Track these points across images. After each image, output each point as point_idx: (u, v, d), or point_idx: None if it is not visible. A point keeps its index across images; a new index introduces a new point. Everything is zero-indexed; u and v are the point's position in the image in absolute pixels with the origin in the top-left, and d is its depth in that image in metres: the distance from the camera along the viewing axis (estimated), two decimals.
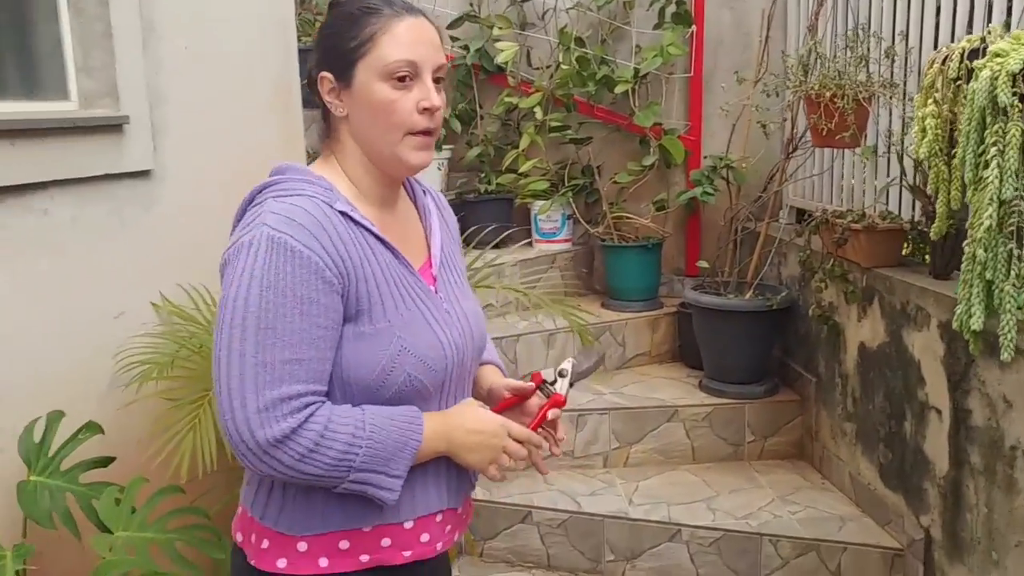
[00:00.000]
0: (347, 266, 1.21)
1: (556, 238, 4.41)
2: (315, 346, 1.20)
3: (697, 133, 4.20)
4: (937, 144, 2.12)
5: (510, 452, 1.34)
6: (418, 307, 1.30)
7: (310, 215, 1.21)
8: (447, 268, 1.42)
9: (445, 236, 1.45)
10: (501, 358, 3.59)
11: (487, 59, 4.39)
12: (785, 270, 3.71)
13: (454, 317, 1.35)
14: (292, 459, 1.17)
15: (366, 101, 1.26)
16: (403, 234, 1.36)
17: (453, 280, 1.42)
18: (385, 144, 1.28)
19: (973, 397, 2.42)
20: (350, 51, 1.26)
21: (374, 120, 1.27)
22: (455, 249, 1.48)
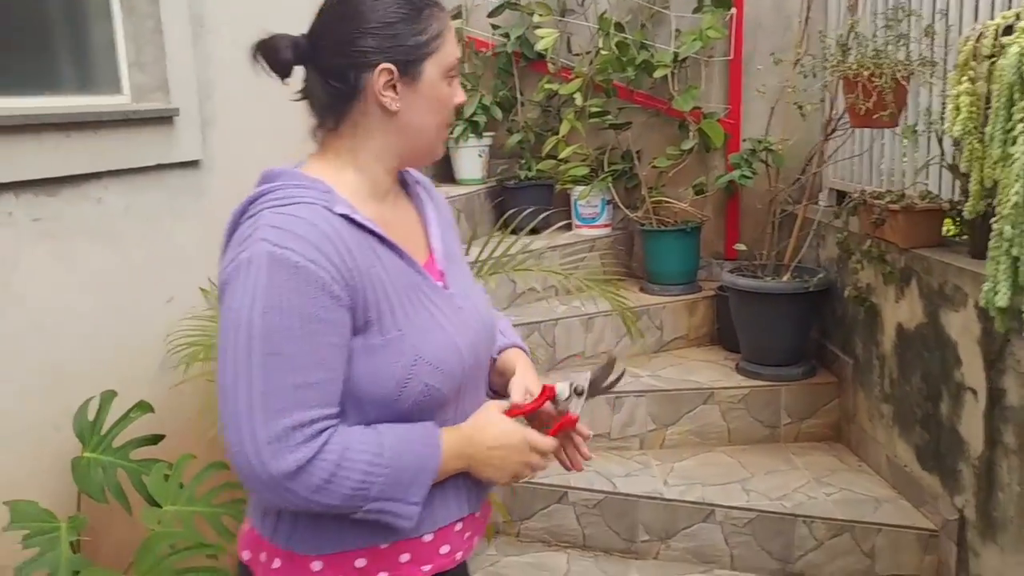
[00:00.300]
0: (354, 276, 1.14)
1: (596, 223, 4.44)
2: (325, 367, 1.12)
3: (736, 116, 4.19)
4: (971, 122, 2.12)
5: (533, 466, 1.28)
6: (430, 310, 1.23)
7: (312, 225, 1.12)
8: (451, 259, 1.35)
9: (443, 225, 1.38)
10: (539, 341, 3.67)
11: (527, 46, 4.43)
12: (823, 252, 3.70)
13: (467, 314, 1.28)
14: (308, 491, 1.11)
15: (430, 97, 1.22)
16: (403, 229, 1.29)
17: (459, 271, 1.36)
18: (430, 139, 1.26)
19: (1008, 376, 2.41)
20: (421, 46, 1.20)
21: (431, 116, 1.24)
22: (452, 236, 1.40)
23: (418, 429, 1.20)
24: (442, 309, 1.24)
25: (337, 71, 1.20)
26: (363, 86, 1.19)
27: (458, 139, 4.43)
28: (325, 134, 1.25)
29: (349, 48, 1.19)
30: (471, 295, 1.33)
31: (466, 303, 1.30)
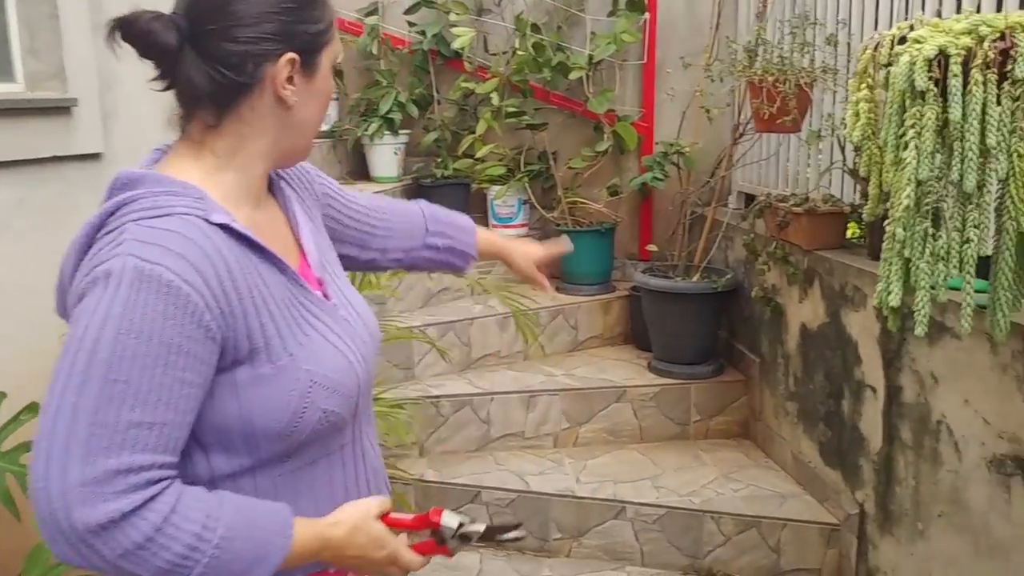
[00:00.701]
0: (233, 302, 1.00)
1: (512, 223, 4.45)
2: (174, 407, 0.96)
3: (650, 119, 4.26)
4: (870, 128, 2.18)
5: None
6: (317, 328, 1.11)
7: (188, 240, 0.98)
8: (325, 262, 1.23)
9: (312, 222, 1.27)
10: (454, 341, 3.66)
11: (444, 44, 4.41)
12: (731, 253, 3.79)
13: (354, 325, 1.18)
14: (114, 553, 0.92)
15: (323, 90, 1.13)
16: (275, 236, 1.16)
17: (335, 274, 1.24)
18: (311, 137, 1.17)
19: (905, 374, 2.50)
20: (320, 34, 1.10)
21: (318, 111, 1.15)
22: (322, 234, 1.29)
23: (268, 512, 1.04)
24: (329, 324, 1.13)
25: (231, 59, 1.04)
26: (261, 77, 1.06)
27: (373, 136, 4.39)
28: (201, 130, 1.09)
29: (249, 33, 1.04)
30: (352, 300, 1.23)
31: (350, 312, 1.20)
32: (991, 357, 2.14)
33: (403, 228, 1.51)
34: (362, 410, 1.22)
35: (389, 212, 1.50)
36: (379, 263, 1.51)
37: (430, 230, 1.54)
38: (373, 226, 1.46)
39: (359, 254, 1.47)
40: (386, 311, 3.59)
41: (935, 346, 2.35)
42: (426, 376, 3.63)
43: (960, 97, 1.74)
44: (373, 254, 1.48)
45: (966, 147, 1.75)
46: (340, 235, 1.41)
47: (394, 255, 1.51)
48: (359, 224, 1.44)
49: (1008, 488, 2.09)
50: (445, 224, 1.57)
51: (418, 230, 1.53)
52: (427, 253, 1.55)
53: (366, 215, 1.45)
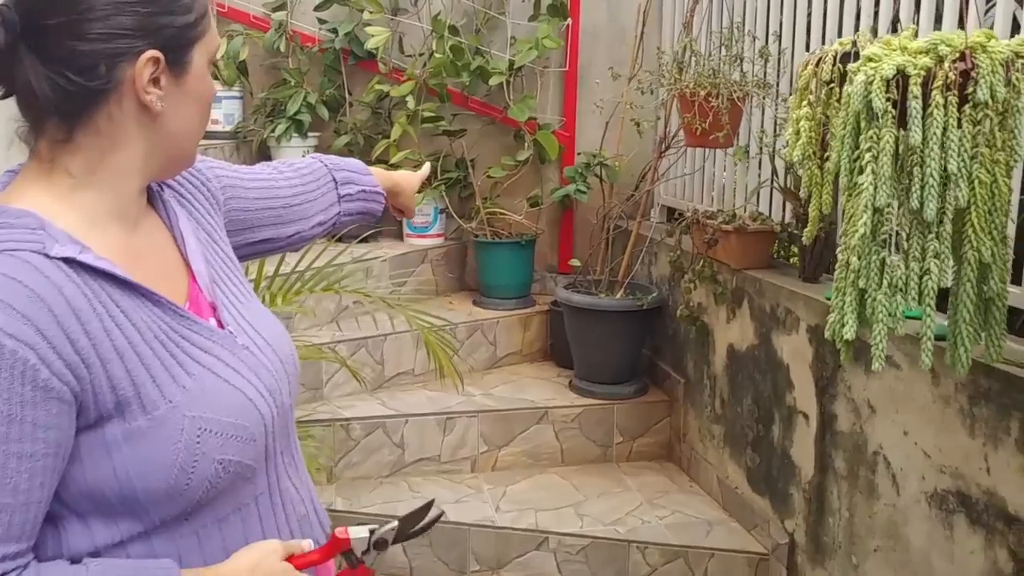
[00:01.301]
0: (84, 348, 0.85)
1: (428, 232, 4.26)
2: (14, 488, 0.81)
3: (571, 129, 4.13)
4: (811, 147, 2.09)
5: None
6: (205, 364, 0.95)
7: (14, 283, 0.82)
8: (222, 281, 1.08)
9: (202, 233, 1.10)
10: (367, 358, 3.45)
11: (357, 44, 4.18)
12: (656, 270, 3.68)
13: (257, 353, 1.02)
14: None
15: (198, 92, 0.98)
16: (157, 260, 1.00)
17: (234, 294, 1.08)
18: (192, 145, 1.01)
19: (839, 402, 2.42)
20: (190, 27, 0.94)
21: (198, 115, 0.99)
22: (217, 247, 1.12)
23: (147, 568, 0.91)
24: (222, 357, 0.97)
25: (79, 61, 0.87)
26: (119, 81, 0.89)
27: (280, 138, 4.13)
28: (51, 146, 0.91)
29: (99, 29, 0.87)
30: (257, 322, 1.07)
31: (253, 338, 1.04)
32: (932, 388, 2.07)
33: (315, 189, 1.36)
34: (279, 450, 1.06)
35: (297, 177, 1.34)
36: (304, 235, 1.35)
37: (338, 180, 1.40)
38: (287, 198, 1.30)
39: (279, 232, 1.30)
40: (292, 327, 3.35)
41: (872, 374, 2.27)
42: (335, 396, 3.40)
43: (920, 120, 1.65)
44: (296, 226, 1.32)
45: (927, 173, 1.66)
46: (254, 220, 1.25)
47: (316, 219, 1.36)
48: (271, 201, 1.28)
49: (951, 526, 2.02)
50: (346, 170, 1.43)
51: (328, 185, 1.39)
52: (346, 205, 1.41)
53: (276, 189, 1.29)
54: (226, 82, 4.17)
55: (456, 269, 4.32)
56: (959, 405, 1.98)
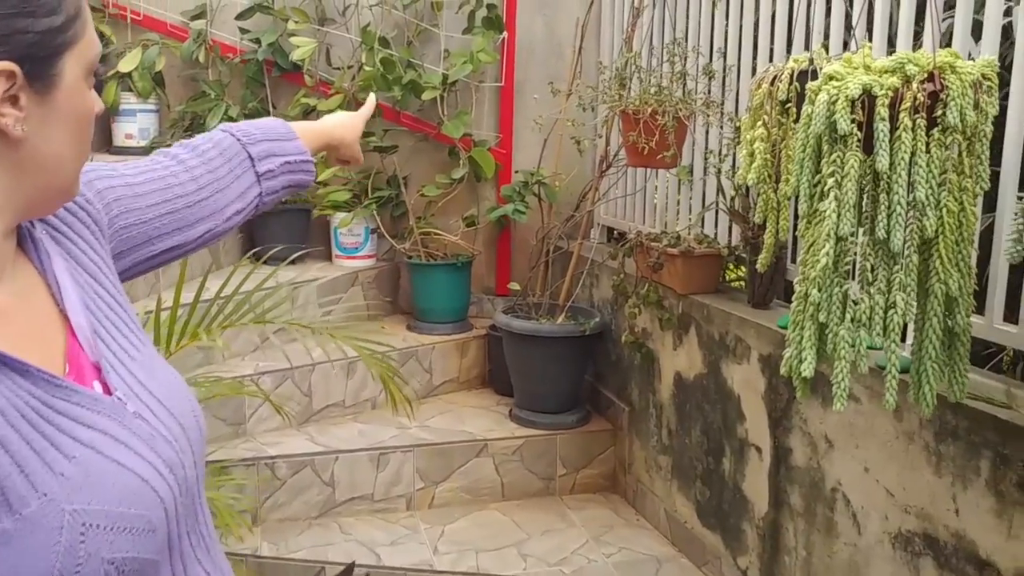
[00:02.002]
0: None
1: (359, 254, 4.06)
2: None
3: (508, 146, 3.99)
4: (766, 170, 1.97)
5: None
6: (86, 443, 0.77)
7: None
8: (108, 333, 0.89)
9: (83, 277, 0.90)
10: (293, 390, 3.23)
11: (281, 55, 3.97)
12: (597, 292, 3.55)
13: (152, 420, 0.85)
14: None
15: (72, 111, 0.80)
16: (28, 316, 0.82)
17: (123, 348, 0.90)
18: (69, 174, 0.83)
19: (794, 435, 2.31)
20: (53, 34, 0.77)
21: (75, 138, 0.81)
22: (101, 287, 0.92)
23: None
24: (109, 431, 0.79)
25: None
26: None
27: None
28: None
29: None
30: (151, 380, 0.88)
31: (146, 402, 0.86)
32: (895, 424, 1.96)
33: (227, 173, 1.13)
34: (185, 532, 0.87)
35: (202, 166, 1.11)
36: (217, 230, 1.12)
37: (255, 156, 1.16)
38: (190, 195, 1.08)
39: (187, 236, 1.08)
40: (212, 358, 3.13)
41: (829, 408, 2.16)
42: (260, 432, 3.18)
43: (888, 144, 1.54)
44: (206, 224, 1.10)
45: (894, 200, 1.55)
46: (153, 231, 1.03)
47: (232, 209, 1.13)
48: (172, 204, 1.06)
49: (917, 569, 1.91)
50: (264, 140, 1.18)
51: (243, 165, 1.15)
52: (268, 183, 1.17)
53: (177, 187, 1.07)
54: (141, 94, 3.92)
55: (389, 292, 4.13)
56: (924, 442, 1.88)
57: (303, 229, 4.04)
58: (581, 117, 3.38)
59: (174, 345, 2.29)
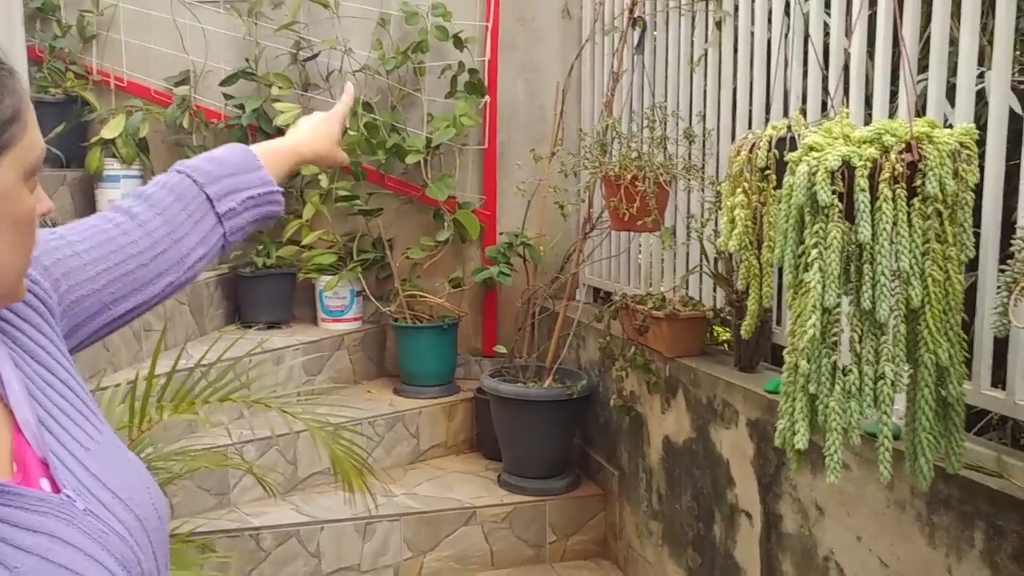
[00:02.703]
0: None
1: (344, 316, 4.03)
2: None
3: (492, 208, 4.00)
4: (747, 236, 1.97)
5: None
6: (33, 550, 0.74)
7: None
8: (58, 424, 0.85)
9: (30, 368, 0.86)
10: (278, 459, 3.18)
11: (265, 120, 3.99)
12: (584, 354, 3.53)
13: (104, 512, 0.81)
14: None
15: (10, 216, 0.77)
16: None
17: (75, 438, 0.85)
18: (13, 275, 0.80)
19: (784, 502, 2.28)
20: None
21: (14, 242, 0.78)
22: (50, 374, 0.88)
23: None
24: (56, 533, 0.76)
25: None
26: None
27: None
28: None
29: None
30: (105, 472, 0.84)
31: (98, 496, 0.82)
32: (886, 492, 1.93)
33: (184, 220, 1.06)
34: None
35: (155, 218, 1.04)
36: (179, 281, 1.06)
37: (213, 196, 1.08)
38: (143, 253, 1.02)
39: (147, 294, 1.02)
40: (195, 427, 3.08)
41: (819, 474, 2.13)
42: (244, 502, 3.12)
43: (869, 215, 1.54)
44: (168, 277, 1.04)
45: (877, 271, 1.54)
46: (107, 297, 0.98)
47: (194, 256, 1.07)
48: (124, 266, 0.99)
49: None
50: (224, 177, 1.10)
51: (202, 208, 1.08)
52: (232, 223, 1.10)
53: (129, 247, 1.00)
54: (125, 160, 3.93)
55: (375, 355, 4.10)
56: (916, 511, 1.85)
57: (288, 293, 4.02)
58: (564, 182, 3.40)
59: (158, 414, 2.24)
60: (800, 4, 2.32)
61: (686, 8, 2.96)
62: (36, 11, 4.05)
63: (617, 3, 3.44)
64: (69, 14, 4.11)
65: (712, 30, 2.83)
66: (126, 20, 4.08)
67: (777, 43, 2.41)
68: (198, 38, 4.04)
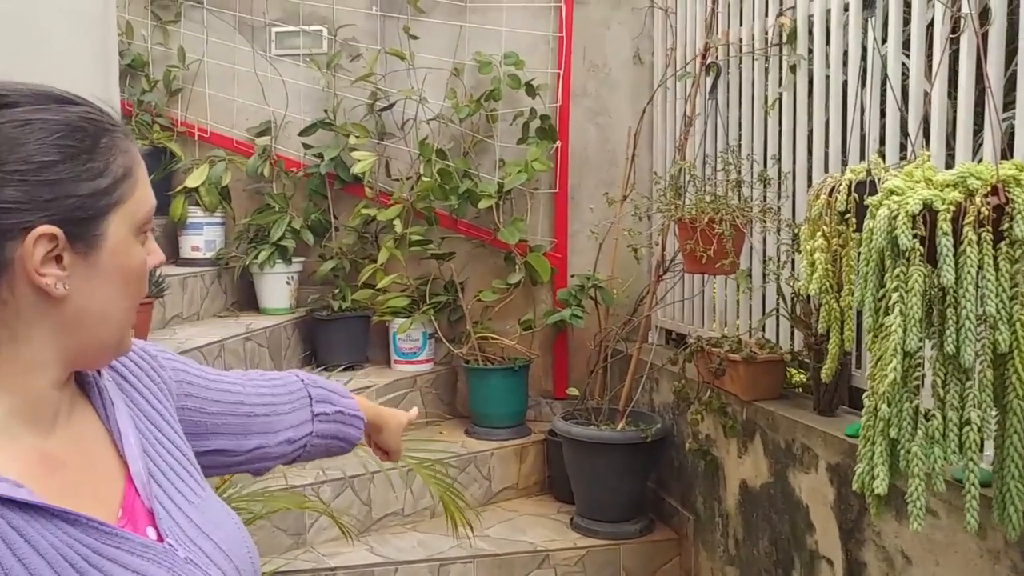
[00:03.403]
0: None
1: (417, 358, 4.09)
2: None
3: (563, 251, 4.03)
4: (827, 280, 1.96)
5: None
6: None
7: None
8: (166, 478, 0.92)
9: (144, 426, 0.94)
10: (353, 499, 3.22)
11: (343, 168, 4.11)
12: (658, 397, 3.52)
13: (204, 561, 0.87)
14: None
15: (116, 269, 0.81)
16: (82, 463, 0.84)
17: (181, 492, 0.92)
18: (116, 329, 0.84)
19: (868, 549, 2.23)
20: (99, 195, 0.79)
21: (120, 295, 0.83)
22: (162, 435, 0.96)
23: None
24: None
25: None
26: (7, 261, 0.76)
27: (263, 264, 4.00)
28: None
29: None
30: (207, 524, 0.90)
31: (200, 546, 0.87)
32: (978, 541, 1.88)
33: (287, 402, 1.19)
34: None
35: (267, 387, 1.18)
36: (267, 450, 1.16)
37: (314, 396, 1.23)
38: (251, 406, 1.13)
39: (239, 444, 1.11)
40: (272, 471, 3.14)
41: (904, 521, 2.08)
42: (319, 543, 3.17)
43: (952, 259, 1.52)
44: (258, 439, 1.14)
45: (961, 315, 1.52)
46: (210, 425, 1.07)
47: (284, 436, 1.17)
48: (233, 407, 1.11)
49: None
50: (325, 388, 1.27)
51: (302, 401, 1.22)
52: (320, 426, 1.23)
53: (241, 395, 1.13)
54: (208, 208, 4.08)
55: (447, 396, 4.14)
56: (1011, 561, 1.80)
57: (363, 335, 4.10)
58: (636, 225, 3.42)
59: None
60: (878, 47, 2.32)
61: (759, 53, 2.97)
62: (127, 67, 4.25)
63: (689, 49, 3.47)
64: (156, 69, 4.31)
65: (786, 74, 2.84)
66: (210, 74, 4.26)
67: (854, 86, 2.41)
68: (279, 90, 4.20)
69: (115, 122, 0.83)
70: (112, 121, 0.83)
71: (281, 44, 4.25)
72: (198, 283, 3.92)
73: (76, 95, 0.82)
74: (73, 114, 0.79)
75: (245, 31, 4.26)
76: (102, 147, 0.80)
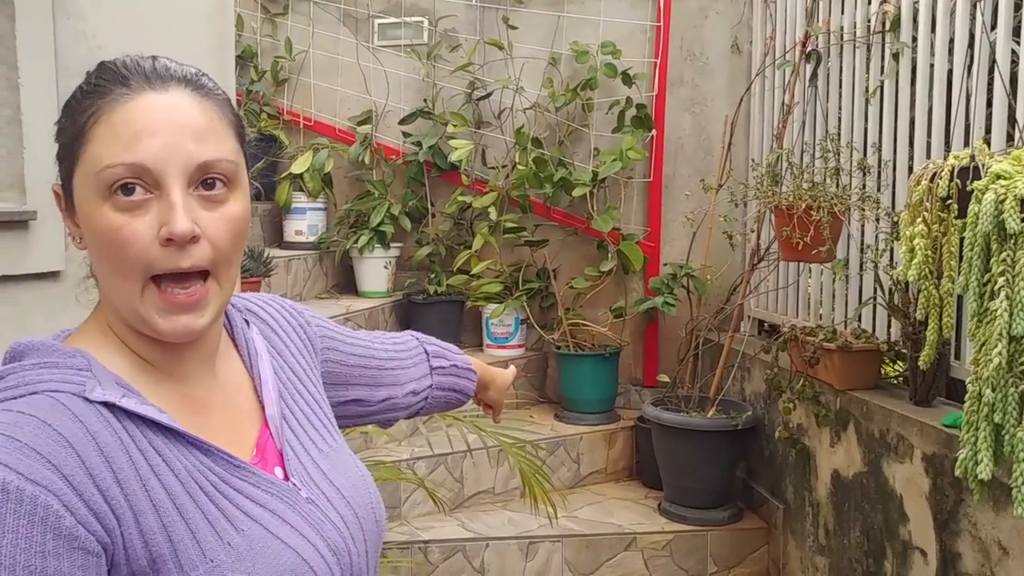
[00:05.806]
0: (115, 497, 0.76)
1: (508, 343, 4.18)
2: None
3: (656, 239, 4.05)
4: (927, 266, 1.96)
5: None
6: (257, 519, 0.84)
7: (44, 427, 0.74)
8: (299, 426, 0.98)
9: (286, 373, 1.01)
10: (446, 476, 3.33)
11: (440, 156, 4.22)
12: (749, 386, 3.51)
13: (324, 507, 0.91)
14: None
15: (89, 233, 0.81)
16: (224, 407, 0.92)
17: (312, 440, 0.98)
18: (122, 297, 0.82)
19: (963, 540, 2.21)
20: (62, 155, 0.83)
21: (101, 258, 0.82)
22: (302, 386, 1.02)
23: None
24: (278, 511, 0.86)
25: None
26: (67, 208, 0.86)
27: (363, 249, 4.14)
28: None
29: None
30: (334, 472, 0.96)
31: (323, 490, 0.92)
32: None
33: (408, 358, 1.29)
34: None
35: (390, 344, 1.28)
36: (395, 401, 1.25)
37: (430, 352, 1.33)
38: (381, 360, 1.23)
39: (372, 395, 1.20)
40: (369, 443, 3.27)
41: (1002, 512, 2.06)
42: (414, 516, 3.28)
43: None
44: (388, 391, 1.23)
45: None
46: (348, 376, 1.16)
47: (409, 388, 1.27)
48: (367, 361, 1.20)
49: None
50: (439, 346, 1.37)
51: (420, 357, 1.31)
52: (438, 379, 1.33)
53: (371, 351, 1.22)
54: (311, 194, 4.24)
55: (537, 381, 4.22)
56: None
57: (456, 319, 4.21)
58: (732, 212, 3.42)
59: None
60: (987, 33, 2.29)
61: (861, 40, 2.95)
62: (237, 58, 4.43)
63: (789, 38, 3.46)
64: (264, 60, 4.49)
65: (888, 61, 2.81)
66: (315, 64, 4.43)
67: (960, 73, 2.38)
68: (380, 80, 4.33)
69: (105, 78, 0.82)
70: (101, 78, 0.82)
71: (383, 35, 4.38)
72: (301, 265, 4.08)
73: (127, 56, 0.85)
74: (91, 75, 0.84)
75: (349, 23, 4.40)
76: (71, 106, 0.83)
